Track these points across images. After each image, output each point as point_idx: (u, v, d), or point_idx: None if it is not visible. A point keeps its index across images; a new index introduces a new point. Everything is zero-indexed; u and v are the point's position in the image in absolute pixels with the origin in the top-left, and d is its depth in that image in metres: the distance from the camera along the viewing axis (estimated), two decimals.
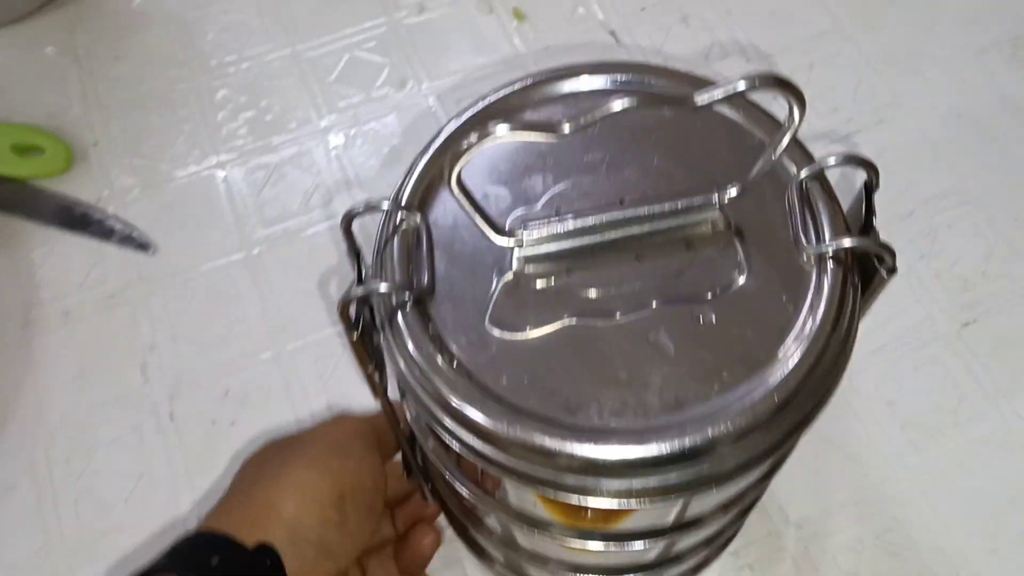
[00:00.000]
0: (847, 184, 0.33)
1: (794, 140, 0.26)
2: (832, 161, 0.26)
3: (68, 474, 0.44)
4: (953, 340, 0.46)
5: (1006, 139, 0.53)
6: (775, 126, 0.27)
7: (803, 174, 0.26)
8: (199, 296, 0.48)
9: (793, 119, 0.23)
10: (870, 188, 0.26)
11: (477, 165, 0.28)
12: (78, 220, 0.50)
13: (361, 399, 0.45)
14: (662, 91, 0.28)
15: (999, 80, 0.55)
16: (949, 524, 0.42)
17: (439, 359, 0.24)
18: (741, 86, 0.21)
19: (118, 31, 0.55)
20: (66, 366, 0.46)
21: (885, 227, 0.49)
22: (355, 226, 0.26)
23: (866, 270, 0.26)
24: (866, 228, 0.26)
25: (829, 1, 0.57)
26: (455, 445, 0.25)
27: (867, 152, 0.51)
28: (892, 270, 0.25)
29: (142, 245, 0.49)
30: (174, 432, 0.45)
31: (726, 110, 0.29)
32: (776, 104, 0.26)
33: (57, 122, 0.52)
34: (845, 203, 0.28)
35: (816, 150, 0.28)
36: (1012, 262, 0.48)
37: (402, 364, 0.25)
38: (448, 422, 0.24)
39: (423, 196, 0.27)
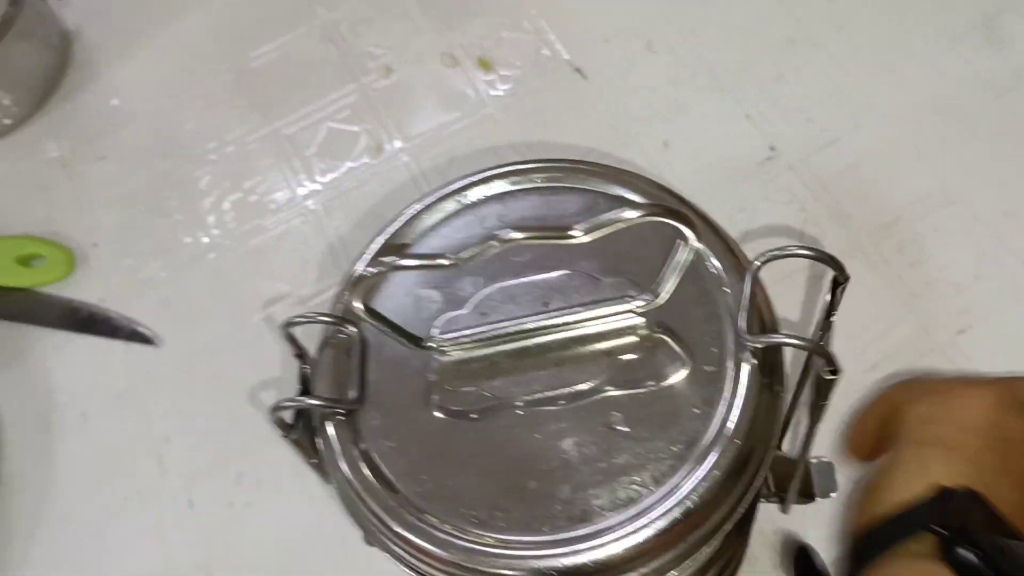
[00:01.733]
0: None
1: (724, 244, 0.27)
2: (790, 252, 0.26)
3: (98, 571, 0.46)
4: (948, 349, 0.46)
5: (988, 128, 0.52)
6: (707, 228, 0.27)
7: (728, 277, 0.27)
8: (206, 384, 0.50)
9: (687, 242, 0.24)
10: (835, 288, 0.26)
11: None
12: (84, 322, 0.52)
13: None
14: (553, 224, 0.28)
15: (976, 66, 0.54)
16: None
17: (361, 465, 0.26)
18: (622, 223, 0.22)
19: (100, 131, 0.56)
20: (87, 467, 0.48)
21: (870, 236, 0.49)
22: None
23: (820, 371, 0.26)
24: (826, 325, 0.26)
25: (793, 7, 0.56)
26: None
27: (846, 161, 0.51)
28: (834, 371, 0.24)
29: (148, 340, 0.51)
30: (193, 519, 0.47)
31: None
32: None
33: (55, 228, 0.54)
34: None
35: (792, 165, 0.28)
36: (1004, 260, 0.48)
37: (331, 466, 0.26)
38: (372, 519, 0.26)
39: (363, 298, 0.28)
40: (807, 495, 0.37)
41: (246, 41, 0.58)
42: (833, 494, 0.37)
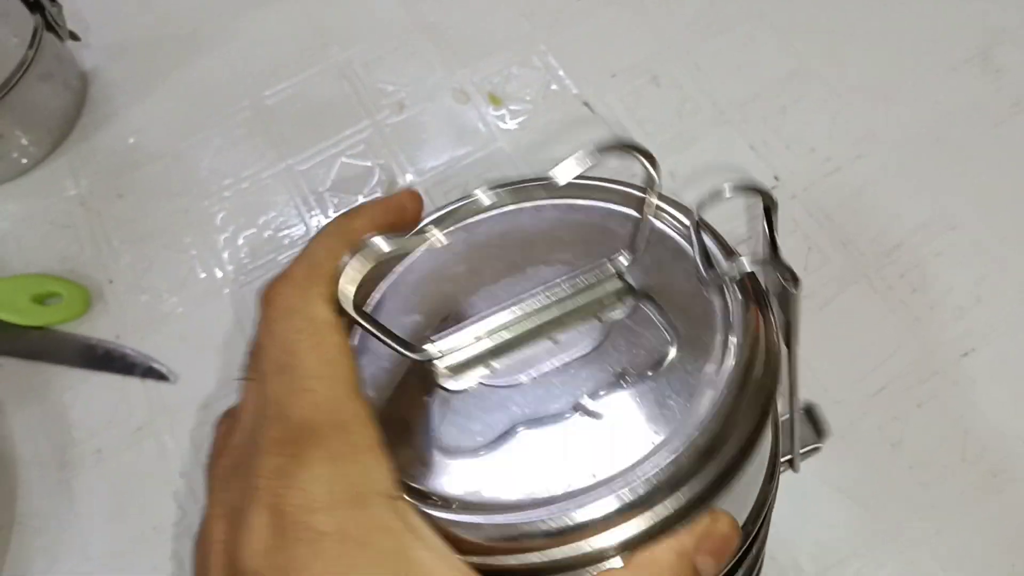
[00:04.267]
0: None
1: (662, 196, 0.29)
2: (727, 192, 0.27)
3: None
4: (953, 371, 0.46)
5: (985, 155, 0.53)
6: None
7: (683, 221, 0.29)
8: None
9: (653, 179, 0.25)
10: (768, 211, 0.27)
11: (404, 284, 0.30)
12: (101, 359, 0.52)
13: None
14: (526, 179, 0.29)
15: (974, 94, 0.55)
16: (964, 565, 0.42)
17: None
18: (589, 160, 0.23)
19: (118, 170, 0.57)
20: (104, 503, 0.49)
21: (873, 263, 0.50)
22: None
23: (783, 295, 0.27)
24: (773, 250, 0.27)
25: (794, 41, 0.58)
26: None
27: (848, 190, 0.52)
28: (793, 282, 0.25)
29: (163, 376, 0.52)
30: None
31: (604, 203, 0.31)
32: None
33: (71, 265, 0.55)
34: None
35: (795, 194, 0.29)
36: (1005, 283, 0.49)
37: None
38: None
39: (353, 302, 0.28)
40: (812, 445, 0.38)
41: (262, 80, 0.59)
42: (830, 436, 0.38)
